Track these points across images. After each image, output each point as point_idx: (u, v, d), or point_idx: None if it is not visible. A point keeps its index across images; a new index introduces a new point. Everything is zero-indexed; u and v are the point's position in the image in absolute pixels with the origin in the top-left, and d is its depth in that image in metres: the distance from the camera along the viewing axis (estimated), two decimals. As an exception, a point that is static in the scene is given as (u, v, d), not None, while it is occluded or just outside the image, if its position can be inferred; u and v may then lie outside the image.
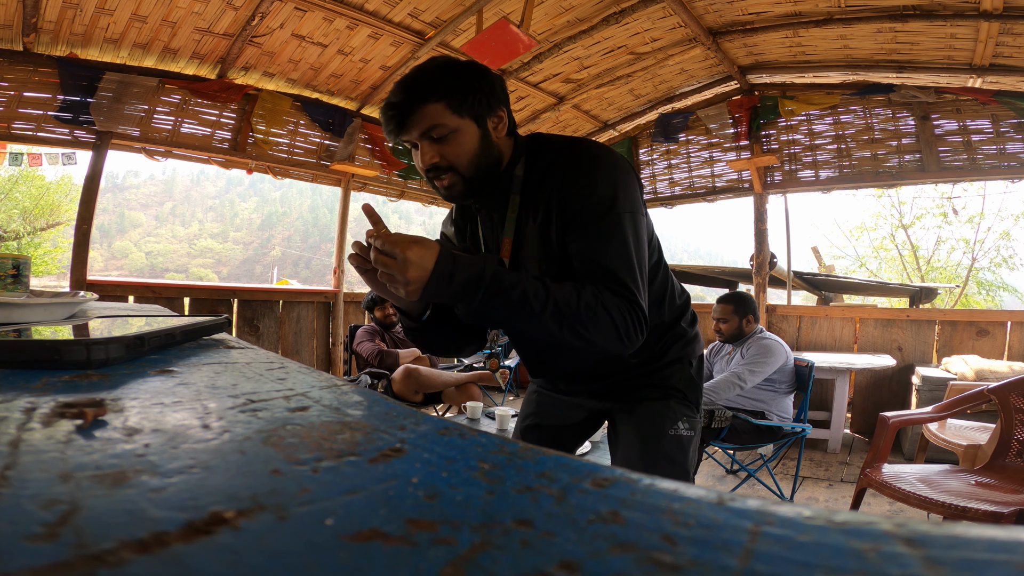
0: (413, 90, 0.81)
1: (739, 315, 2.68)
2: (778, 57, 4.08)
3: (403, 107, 0.80)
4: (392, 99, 0.81)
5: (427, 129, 0.81)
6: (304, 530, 0.13)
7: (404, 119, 0.81)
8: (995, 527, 0.13)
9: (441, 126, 0.81)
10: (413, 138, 0.83)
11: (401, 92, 0.81)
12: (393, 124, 0.82)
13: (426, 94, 0.80)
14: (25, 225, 15.94)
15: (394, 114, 0.81)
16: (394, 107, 0.81)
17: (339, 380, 0.33)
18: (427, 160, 0.83)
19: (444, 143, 0.82)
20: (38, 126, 3.35)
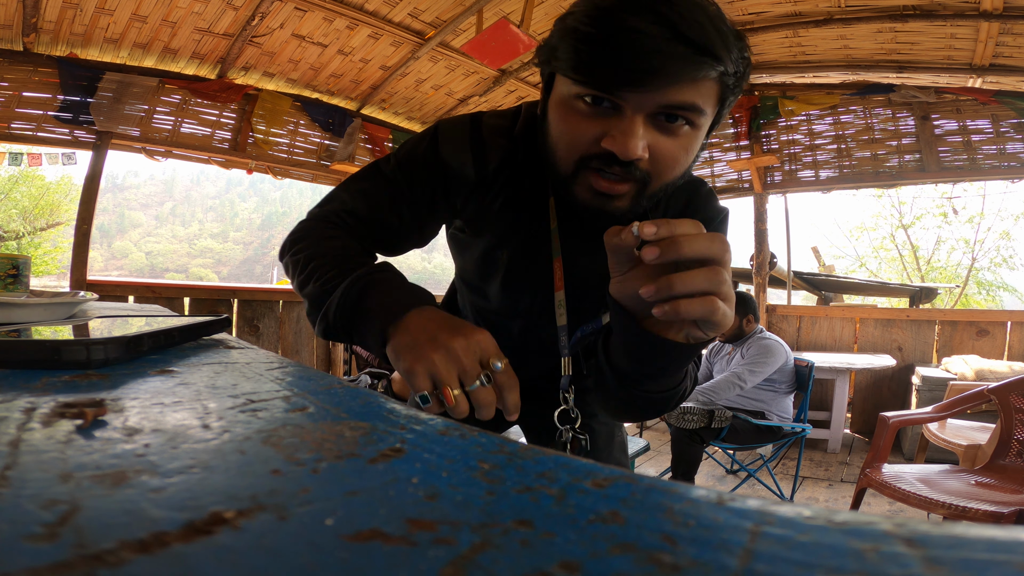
0: (698, 32, 0.46)
1: (739, 315, 2.68)
2: (778, 57, 4.08)
3: (669, 51, 0.45)
4: (643, 25, 0.45)
5: (676, 106, 0.49)
6: (304, 530, 0.13)
7: (661, 71, 0.46)
8: (995, 527, 0.13)
9: (696, 111, 0.50)
10: (645, 105, 0.49)
11: (671, 24, 0.45)
12: (635, 67, 0.46)
13: (715, 50, 0.47)
14: (25, 225, 15.94)
15: (653, 52, 0.45)
16: (650, 40, 0.45)
17: (339, 380, 0.33)
18: (638, 148, 0.49)
19: (671, 136, 0.51)
20: (38, 126, 3.35)
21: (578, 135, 0.52)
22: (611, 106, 0.50)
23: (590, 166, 0.53)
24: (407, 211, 0.65)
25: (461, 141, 0.64)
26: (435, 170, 0.64)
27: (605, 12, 0.47)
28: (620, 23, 0.46)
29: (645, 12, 0.45)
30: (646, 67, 0.46)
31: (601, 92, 0.49)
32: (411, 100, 4.59)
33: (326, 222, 0.64)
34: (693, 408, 2.41)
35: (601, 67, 0.47)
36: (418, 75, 4.25)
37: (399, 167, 0.65)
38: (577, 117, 0.52)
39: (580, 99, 0.51)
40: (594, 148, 0.51)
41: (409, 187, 0.65)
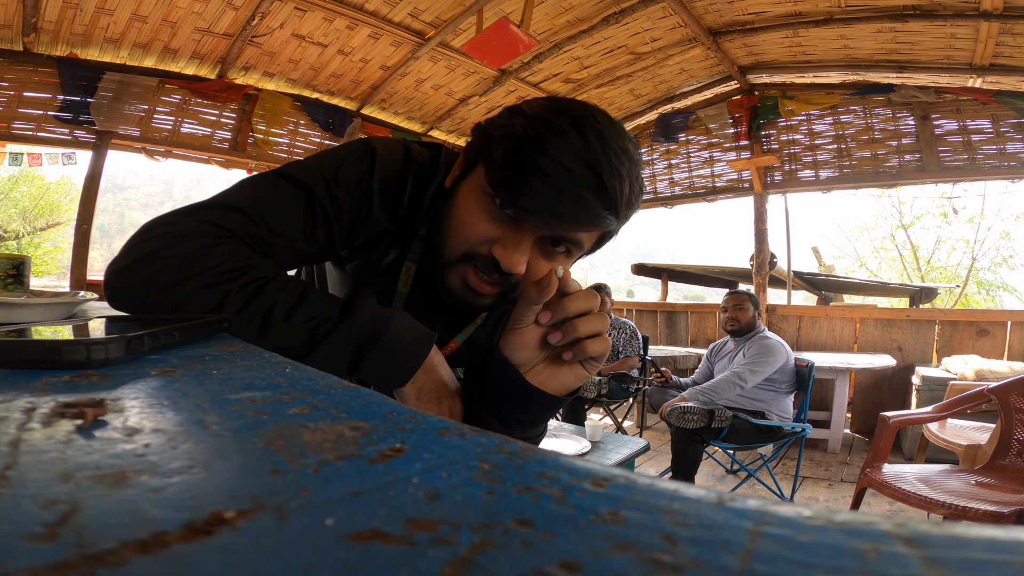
0: (618, 207, 0.52)
1: (754, 305, 2.77)
2: (778, 57, 4.08)
3: (594, 214, 0.51)
4: (585, 191, 0.50)
5: (565, 240, 0.55)
6: (304, 530, 0.13)
7: (577, 222, 0.52)
8: (995, 527, 0.13)
9: (577, 246, 0.56)
10: (545, 232, 0.54)
11: (605, 194, 0.51)
12: (563, 216, 0.50)
13: (617, 218, 0.54)
14: (25, 225, 15.94)
15: (582, 212, 0.50)
16: (583, 205, 0.50)
17: (339, 380, 0.33)
18: (522, 266, 0.53)
19: (547, 258, 0.56)
20: (38, 126, 3.35)
21: (474, 232, 0.54)
22: (511, 217, 0.53)
23: (472, 262, 0.55)
24: (323, 236, 0.58)
25: (394, 180, 0.61)
26: (363, 202, 0.59)
27: (546, 140, 0.50)
28: (554, 159, 0.49)
29: (579, 158, 0.49)
30: (561, 210, 0.50)
31: (514, 213, 0.52)
32: (411, 100, 4.59)
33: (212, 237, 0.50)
34: (694, 409, 2.41)
35: (524, 194, 0.50)
36: (418, 75, 4.26)
37: (325, 186, 0.57)
38: (479, 214, 0.54)
39: (493, 199, 0.53)
40: (482, 249, 0.54)
41: (334, 215, 0.58)
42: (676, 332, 5.07)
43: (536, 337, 0.50)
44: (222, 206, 0.53)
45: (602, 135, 0.51)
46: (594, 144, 0.50)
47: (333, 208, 0.57)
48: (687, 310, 5.07)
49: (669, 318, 5.13)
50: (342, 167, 0.59)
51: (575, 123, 0.50)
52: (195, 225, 0.50)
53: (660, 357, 3.97)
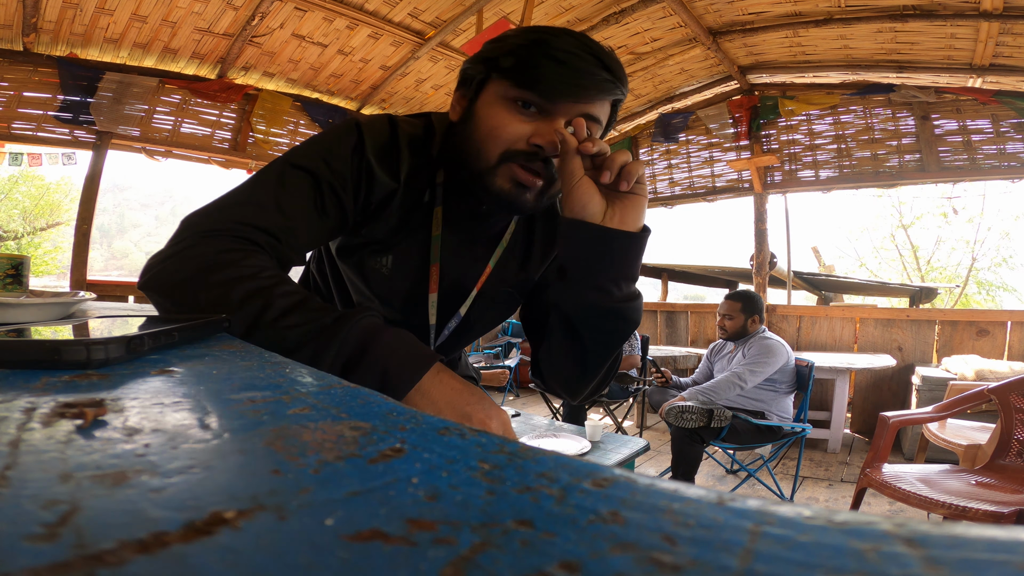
0: (613, 63, 0.61)
1: (745, 314, 2.69)
2: (778, 57, 4.08)
3: (596, 74, 0.59)
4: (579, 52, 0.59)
5: (588, 117, 0.61)
6: (304, 530, 0.13)
7: (588, 86, 0.59)
8: (995, 527, 0.13)
9: (597, 124, 0.63)
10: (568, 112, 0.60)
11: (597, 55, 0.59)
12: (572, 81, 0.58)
13: (621, 81, 0.62)
14: (25, 225, 15.94)
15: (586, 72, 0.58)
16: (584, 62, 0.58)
17: (339, 380, 0.33)
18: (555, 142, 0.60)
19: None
20: (38, 126, 3.35)
21: (509, 131, 0.61)
22: (538, 111, 0.61)
23: (513, 160, 0.61)
24: (334, 210, 0.63)
25: (386, 145, 0.66)
26: (361, 170, 0.64)
27: (547, 39, 0.59)
28: (563, 48, 0.59)
29: (578, 46, 0.59)
30: (580, 84, 0.59)
31: (542, 99, 0.60)
32: (411, 100, 4.59)
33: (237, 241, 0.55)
34: (693, 408, 2.41)
35: (546, 79, 0.58)
36: (418, 75, 4.26)
37: (325, 164, 0.62)
38: (509, 116, 0.61)
39: (515, 102, 0.61)
40: (520, 144, 0.61)
41: (340, 187, 0.63)
42: (676, 332, 5.07)
43: (590, 186, 0.58)
44: (243, 202, 0.59)
45: (581, 35, 0.61)
46: (583, 38, 0.61)
47: (337, 181, 0.63)
48: (687, 310, 5.07)
49: (669, 318, 5.13)
50: (335, 144, 0.64)
51: (561, 30, 0.61)
52: (221, 224, 0.56)
53: (660, 357, 3.97)
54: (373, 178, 0.65)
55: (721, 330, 2.77)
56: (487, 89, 0.63)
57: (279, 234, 0.58)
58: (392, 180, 0.66)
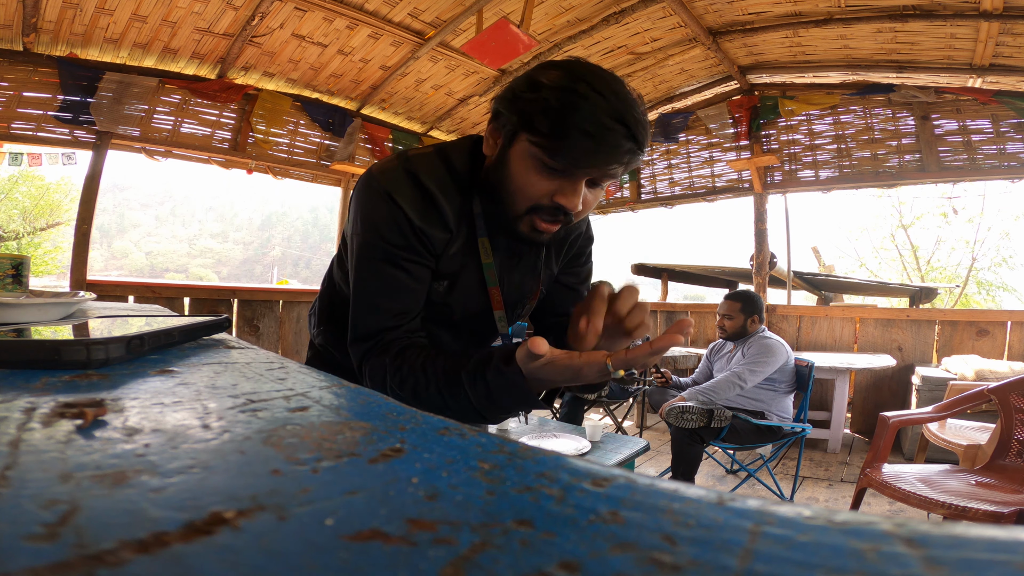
0: (639, 130, 0.63)
1: (745, 314, 2.69)
2: (778, 57, 4.08)
3: (622, 146, 0.62)
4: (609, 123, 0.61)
5: (609, 177, 0.66)
6: (304, 530, 0.13)
7: (614, 159, 0.63)
8: (995, 527, 0.13)
9: (616, 177, 0.67)
10: (594, 175, 0.65)
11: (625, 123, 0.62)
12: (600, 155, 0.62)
13: (644, 145, 0.65)
14: (25, 225, 15.94)
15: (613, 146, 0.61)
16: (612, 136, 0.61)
17: (339, 380, 0.33)
18: (579, 207, 0.67)
19: (593, 192, 0.69)
20: (38, 126, 3.35)
21: (536, 190, 0.66)
22: (563, 171, 0.64)
23: (536, 212, 0.68)
24: (419, 271, 0.74)
25: (421, 203, 0.72)
26: (416, 235, 0.72)
27: (581, 102, 0.60)
28: (594, 119, 0.60)
29: (611, 114, 0.61)
30: (607, 158, 0.62)
31: (569, 167, 0.63)
32: (411, 100, 4.59)
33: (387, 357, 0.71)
34: (693, 408, 2.41)
35: (574, 152, 0.62)
36: (418, 75, 4.26)
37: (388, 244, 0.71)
38: (537, 176, 0.66)
39: (540, 160, 0.64)
40: (545, 201, 0.67)
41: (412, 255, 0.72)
42: (676, 332, 5.07)
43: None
44: (365, 312, 0.73)
45: (615, 91, 0.62)
46: (614, 100, 0.61)
47: (405, 253, 0.72)
48: (687, 310, 5.07)
49: (669, 318, 5.13)
50: (381, 223, 0.71)
51: (595, 88, 0.61)
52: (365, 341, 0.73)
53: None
54: (429, 237, 0.72)
55: (721, 330, 2.77)
56: (518, 142, 0.66)
57: (400, 322, 0.73)
58: (444, 231, 0.73)
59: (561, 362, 0.55)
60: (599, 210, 5.55)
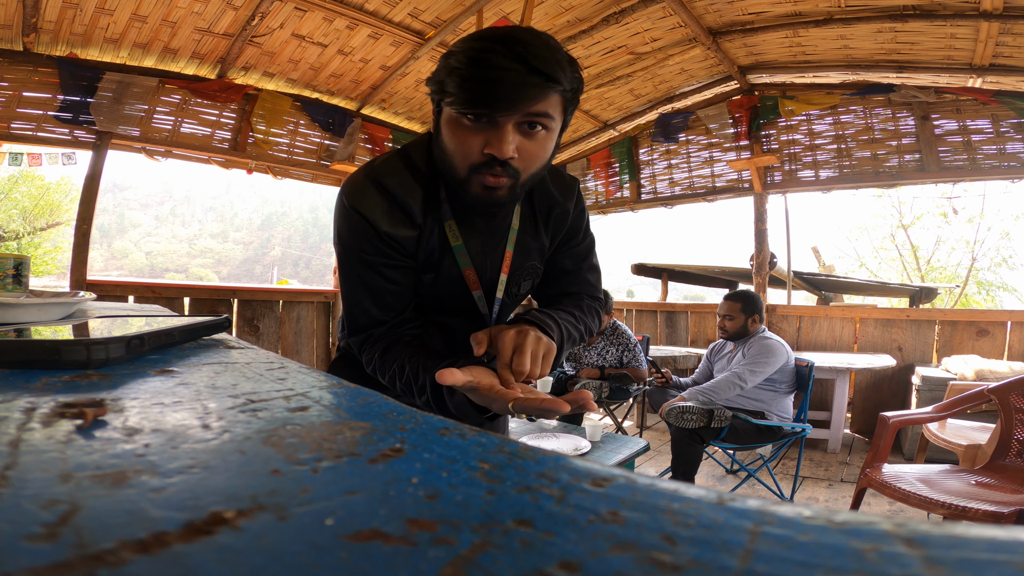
0: (544, 64, 0.63)
1: (746, 314, 2.68)
2: (778, 57, 4.08)
3: (525, 80, 0.63)
4: (506, 63, 0.62)
5: (533, 116, 0.66)
6: (304, 530, 0.13)
7: (521, 95, 0.63)
8: (995, 527, 0.13)
9: (548, 118, 0.67)
10: (511, 118, 0.65)
11: (525, 61, 0.62)
12: (502, 94, 0.63)
13: (557, 76, 0.65)
14: (25, 225, 15.94)
15: (515, 83, 0.62)
16: (512, 74, 0.62)
17: (339, 380, 0.33)
18: (511, 150, 0.66)
19: (532, 138, 0.68)
20: (38, 126, 3.35)
21: (467, 147, 0.68)
22: (488, 121, 0.66)
23: (478, 171, 0.69)
24: (400, 274, 0.79)
25: (388, 208, 0.76)
26: (387, 242, 0.76)
27: (479, 54, 0.63)
28: (491, 63, 0.63)
29: (506, 54, 0.63)
30: (513, 95, 0.63)
31: (484, 112, 0.65)
32: (411, 100, 4.59)
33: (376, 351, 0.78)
34: (693, 408, 2.41)
35: (481, 97, 0.64)
36: (418, 75, 4.26)
37: (365, 254, 0.76)
38: (464, 133, 0.68)
39: (465, 117, 0.67)
40: (479, 157, 0.68)
41: (389, 260, 0.77)
42: (676, 332, 5.07)
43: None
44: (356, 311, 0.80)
45: (514, 37, 0.64)
46: (511, 44, 0.64)
47: (382, 258, 0.77)
48: (687, 310, 5.07)
49: (669, 318, 5.13)
50: (352, 237, 0.77)
51: (491, 39, 0.64)
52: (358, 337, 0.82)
53: (660, 357, 3.97)
54: (398, 239, 0.76)
55: (722, 331, 2.77)
56: (443, 111, 0.70)
57: (386, 318, 0.79)
58: (413, 229, 0.77)
59: (481, 391, 0.61)
60: (599, 210, 5.55)
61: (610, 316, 3.41)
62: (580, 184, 0.90)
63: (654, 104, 4.92)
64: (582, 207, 0.92)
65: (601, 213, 5.59)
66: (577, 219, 0.91)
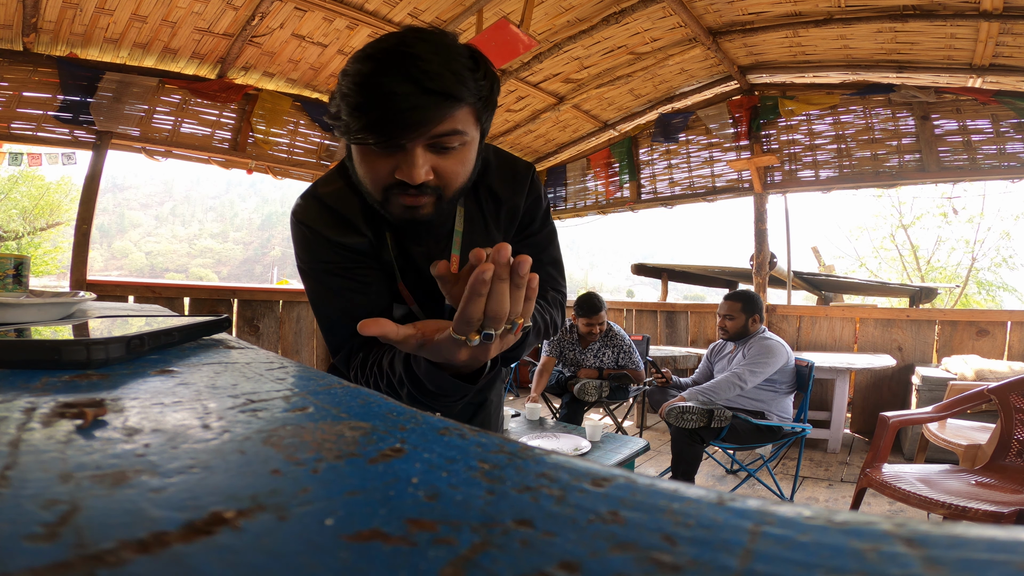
0: (439, 81, 0.57)
1: (746, 314, 2.68)
2: (778, 57, 4.08)
3: (421, 103, 0.57)
4: (397, 86, 0.56)
5: (441, 135, 0.61)
6: (304, 530, 0.13)
7: (419, 118, 0.58)
8: (995, 527, 0.13)
9: (459, 135, 0.62)
10: (418, 141, 0.61)
11: (417, 81, 0.57)
12: (399, 120, 0.57)
13: (456, 92, 0.59)
14: (25, 225, 15.95)
15: (411, 107, 0.57)
16: (405, 99, 0.56)
17: (339, 380, 0.33)
18: (421, 175, 0.62)
19: (447, 156, 0.63)
20: (38, 126, 3.35)
21: (376, 173, 0.65)
22: (384, 147, 0.61)
23: (391, 192, 0.65)
24: (370, 277, 0.77)
25: (330, 220, 0.75)
26: (339, 249, 0.75)
27: (367, 79, 0.58)
28: (381, 88, 0.57)
29: (396, 75, 0.57)
30: (410, 120, 0.58)
31: (383, 143, 0.60)
32: (411, 100, 4.58)
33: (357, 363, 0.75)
34: (693, 408, 2.41)
35: (377, 126, 0.59)
36: (418, 75, 4.25)
37: (323, 263, 0.75)
38: (372, 158, 0.64)
39: (364, 149, 0.64)
40: (390, 179, 0.64)
41: (348, 265, 0.75)
42: (676, 332, 5.07)
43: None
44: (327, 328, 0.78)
45: (395, 44, 0.59)
46: (390, 53, 0.58)
47: (342, 264, 0.75)
48: (687, 310, 5.07)
49: (669, 318, 5.13)
50: (305, 249, 0.76)
51: (372, 52, 0.59)
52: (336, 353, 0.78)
53: (660, 357, 3.97)
54: (348, 247, 0.75)
55: (722, 331, 2.77)
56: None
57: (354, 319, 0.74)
58: (359, 236, 0.76)
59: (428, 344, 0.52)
60: (599, 210, 5.55)
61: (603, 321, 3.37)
62: (535, 170, 0.85)
63: (654, 104, 4.92)
64: (537, 195, 0.84)
65: (601, 213, 5.59)
66: (532, 208, 0.84)
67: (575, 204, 5.73)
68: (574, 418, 3.15)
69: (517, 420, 2.53)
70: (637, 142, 5.29)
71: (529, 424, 2.46)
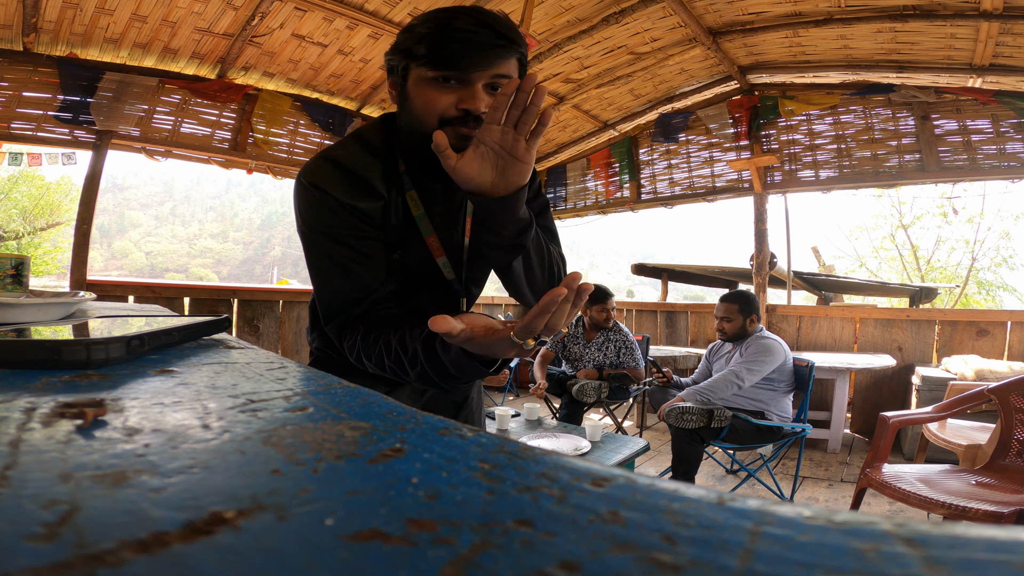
0: (507, 30, 0.72)
1: (743, 314, 2.68)
2: (778, 57, 4.08)
3: (493, 43, 0.70)
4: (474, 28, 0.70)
5: (498, 77, 0.73)
6: (304, 530, 0.13)
7: (490, 55, 0.71)
8: (995, 527, 0.13)
9: (509, 78, 0.74)
10: (482, 77, 0.72)
11: (491, 26, 0.71)
12: (474, 54, 0.70)
13: (519, 42, 0.73)
14: (25, 225, 15.95)
15: (484, 44, 0.70)
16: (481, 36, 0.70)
17: (339, 380, 0.33)
18: (483, 106, 0.72)
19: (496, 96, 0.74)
20: (38, 126, 3.35)
21: (439, 103, 0.73)
22: (458, 82, 0.72)
23: (450, 124, 0.73)
24: (372, 246, 0.78)
25: (345, 181, 0.77)
26: (350, 212, 0.76)
27: (447, 22, 0.71)
28: (461, 28, 0.70)
29: (473, 21, 0.71)
30: (483, 56, 0.70)
31: (457, 73, 0.71)
32: (411, 100, 4.59)
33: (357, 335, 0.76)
34: (692, 408, 2.41)
35: (455, 58, 0.70)
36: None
37: (327, 227, 0.76)
38: (435, 93, 0.73)
39: (436, 80, 0.72)
40: (452, 111, 0.73)
41: (356, 232, 0.77)
42: (676, 332, 5.07)
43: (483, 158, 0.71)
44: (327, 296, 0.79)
45: (474, 9, 0.72)
46: (475, 13, 0.72)
47: (348, 230, 0.76)
48: (687, 310, 5.07)
49: (669, 318, 5.13)
50: (312, 213, 0.77)
51: (455, 9, 0.72)
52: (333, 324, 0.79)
53: (660, 357, 3.97)
54: (361, 211, 0.77)
55: (721, 333, 2.77)
56: (411, 75, 0.75)
57: (360, 295, 0.77)
58: (375, 199, 0.78)
59: (477, 339, 0.57)
60: (599, 210, 5.55)
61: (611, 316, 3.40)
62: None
63: (654, 104, 4.91)
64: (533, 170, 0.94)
65: (601, 213, 5.59)
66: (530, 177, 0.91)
67: (575, 204, 5.73)
68: (574, 418, 3.15)
69: (517, 420, 2.53)
70: (637, 142, 5.29)
71: (529, 424, 2.47)
